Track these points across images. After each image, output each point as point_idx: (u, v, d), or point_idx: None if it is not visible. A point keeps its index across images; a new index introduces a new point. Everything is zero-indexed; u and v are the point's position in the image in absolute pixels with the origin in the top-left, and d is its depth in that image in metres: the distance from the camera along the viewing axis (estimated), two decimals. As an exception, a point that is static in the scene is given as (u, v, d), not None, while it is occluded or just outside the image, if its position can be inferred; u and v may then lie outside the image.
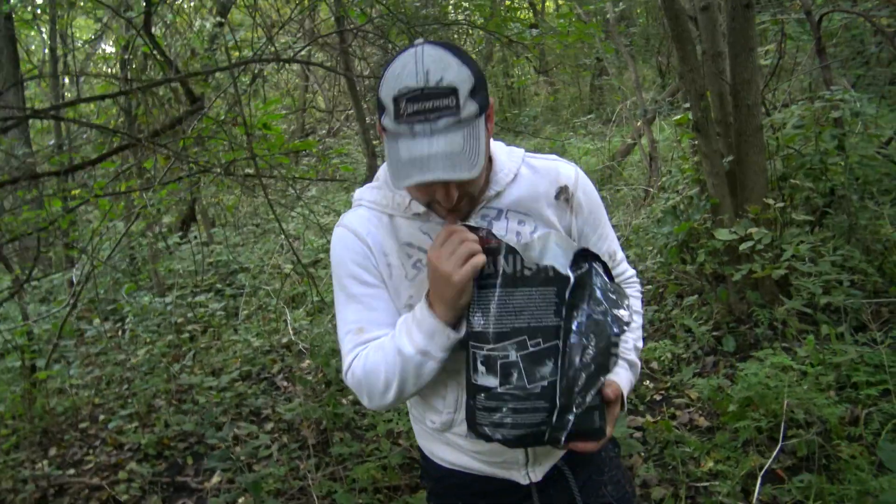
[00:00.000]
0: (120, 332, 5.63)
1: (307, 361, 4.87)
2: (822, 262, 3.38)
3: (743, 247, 3.50)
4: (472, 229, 1.12)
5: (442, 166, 1.06)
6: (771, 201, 3.64)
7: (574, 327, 1.06)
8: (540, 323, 1.06)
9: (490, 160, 1.27)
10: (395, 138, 1.10)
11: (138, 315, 5.62)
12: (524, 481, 1.34)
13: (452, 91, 1.07)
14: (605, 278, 1.12)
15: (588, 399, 1.07)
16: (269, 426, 3.98)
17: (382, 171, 1.33)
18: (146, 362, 4.97)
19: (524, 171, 1.30)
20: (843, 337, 3.18)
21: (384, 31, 4.14)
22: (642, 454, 3.00)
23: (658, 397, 3.40)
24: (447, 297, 1.12)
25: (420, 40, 1.12)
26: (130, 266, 6.54)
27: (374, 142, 5.47)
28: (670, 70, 13.54)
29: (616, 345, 1.10)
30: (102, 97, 3.11)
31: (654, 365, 3.66)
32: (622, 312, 1.09)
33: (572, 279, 1.05)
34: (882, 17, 4.63)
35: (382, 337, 1.24)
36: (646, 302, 4.36)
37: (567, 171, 1.32)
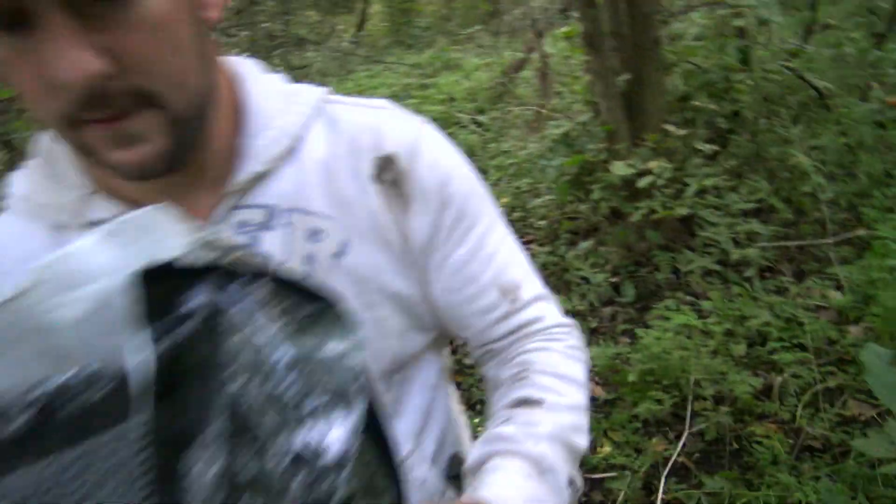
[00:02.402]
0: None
1: None
2: (730, 199, 2.96)
3: (642, 183, 3.04)
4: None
5: None
6: (671, 128, 3.18)
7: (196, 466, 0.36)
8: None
9: (236, 105, 0.67)
10: None
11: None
12: None
13: None
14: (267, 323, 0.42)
15: None
16: None
17: (46, 137, 0.68)
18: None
19: (318, 130, 0.69)
20: (751, 283, 2.81)
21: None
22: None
23: (550, 361, 2.96)
24: None
25: None
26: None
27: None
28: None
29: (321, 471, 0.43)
30: None
31: (547, 321, 3.21)
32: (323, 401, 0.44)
33: (140, 366, 0.35)
34: None
35: None
36: (540, 244, 3.89)
37: (400, 131, 0.71)
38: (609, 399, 2.62)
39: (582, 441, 0.74)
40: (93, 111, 0.52)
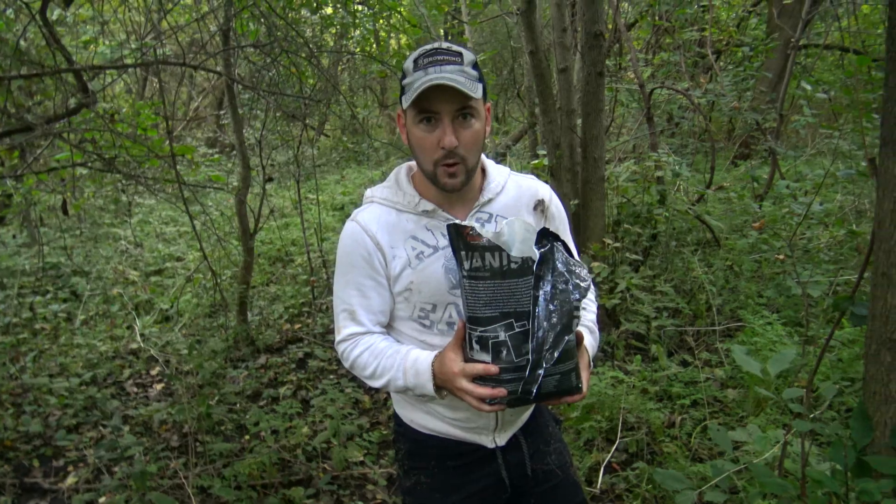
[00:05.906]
0: (-65, 331, 5.13)
1: (157, 368, 4.79)
2: (647, 296, 4.01)
3: (585, 278, 4.04)
4: (464, 227, 1.31)
5: (449, 79, 1.32)
6: (609, 241, 4.25)
7: (541, 295, 1.28)
8: (523, 308, 1.27)
9: (483, 171, 1.56)
10: (411, 86, 1.35)
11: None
12: (490, 445, 1.58)
13: (459, 53, 1.37)
14: (566, 254, 1.34)
15: (556, 355, 1.28)
16: (125, 430, 3.90)
17: (394, 173, 1.57)
18: (-27, 363, 4.61)
19: (510, 184, 1.58)
20: (660, 359, 3.80)
21: (272, 49, 4.28)
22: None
23: (509, 406, 3.81)
24: (447, 387, 1.37)
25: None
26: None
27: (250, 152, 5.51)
28: (506, 118, 14.63)
29: (577, 308, 1.31)
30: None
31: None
32: (581, 282, 1.32)
33: (538, 255, 1.27)
34: (698, 96, 5.54)
35: (374, 333, 1.50)
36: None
37: (543, 189, 1.61)
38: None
39: (596, 325, 1.65)
40: (446, 160, 1.42)
